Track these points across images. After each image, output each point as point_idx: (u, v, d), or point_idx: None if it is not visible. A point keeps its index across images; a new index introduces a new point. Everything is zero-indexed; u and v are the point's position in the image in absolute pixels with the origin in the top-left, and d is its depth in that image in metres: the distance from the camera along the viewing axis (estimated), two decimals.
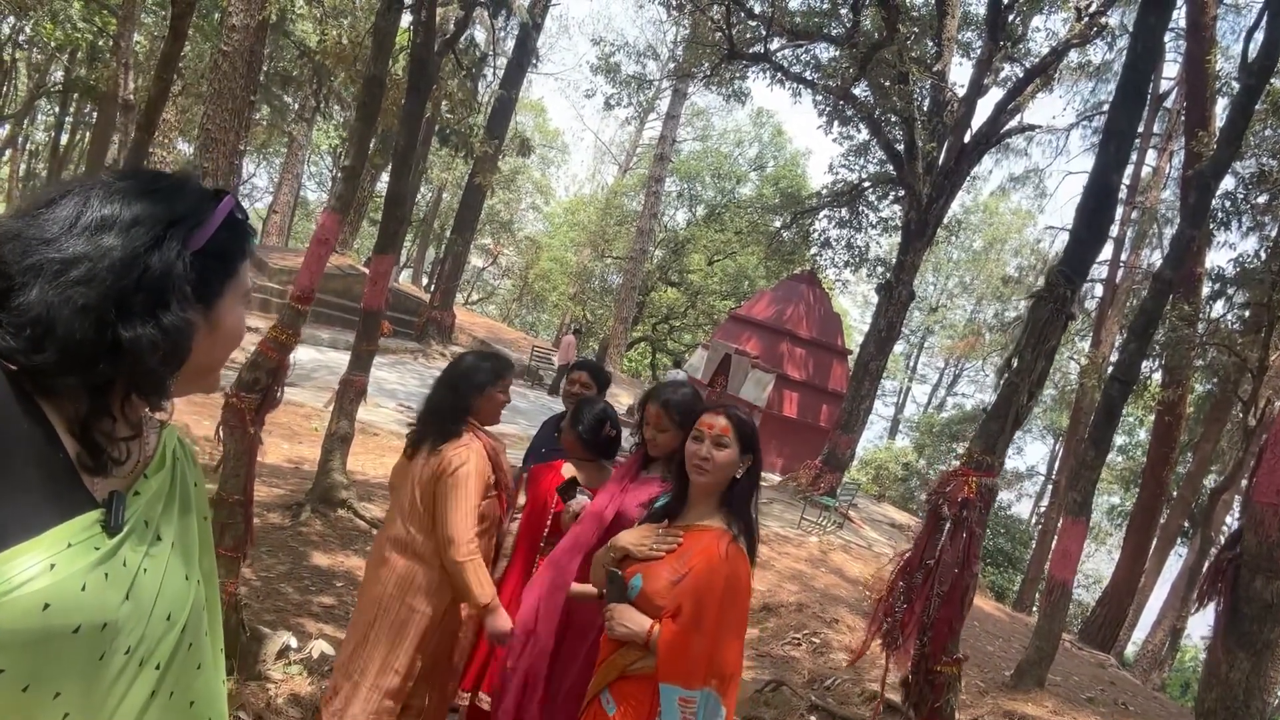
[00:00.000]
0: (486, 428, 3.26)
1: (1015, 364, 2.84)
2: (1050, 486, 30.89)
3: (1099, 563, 33.65)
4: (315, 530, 6.82)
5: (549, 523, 3.27)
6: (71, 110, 27.97)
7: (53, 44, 23.25)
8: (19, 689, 0.86)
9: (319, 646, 4.27)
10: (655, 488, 2.95)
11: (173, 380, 1.01)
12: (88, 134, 26.90)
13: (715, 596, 2.28)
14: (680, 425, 2.87)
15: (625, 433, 3.63)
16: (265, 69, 19.31)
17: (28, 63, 27.18)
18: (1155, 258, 22.92)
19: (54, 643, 0.87)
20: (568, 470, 3.35)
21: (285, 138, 30.14)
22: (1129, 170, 24.10)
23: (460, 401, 3.13)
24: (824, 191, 21.50)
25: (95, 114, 24.70)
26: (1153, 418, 16.73)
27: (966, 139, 15.06)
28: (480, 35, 23.81)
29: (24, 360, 0.90)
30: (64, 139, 28.62)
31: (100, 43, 20.56)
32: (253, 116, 17.30)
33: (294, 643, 4.20)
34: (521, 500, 3.48)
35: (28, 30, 23.78)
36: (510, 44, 22.83)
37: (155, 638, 1.00)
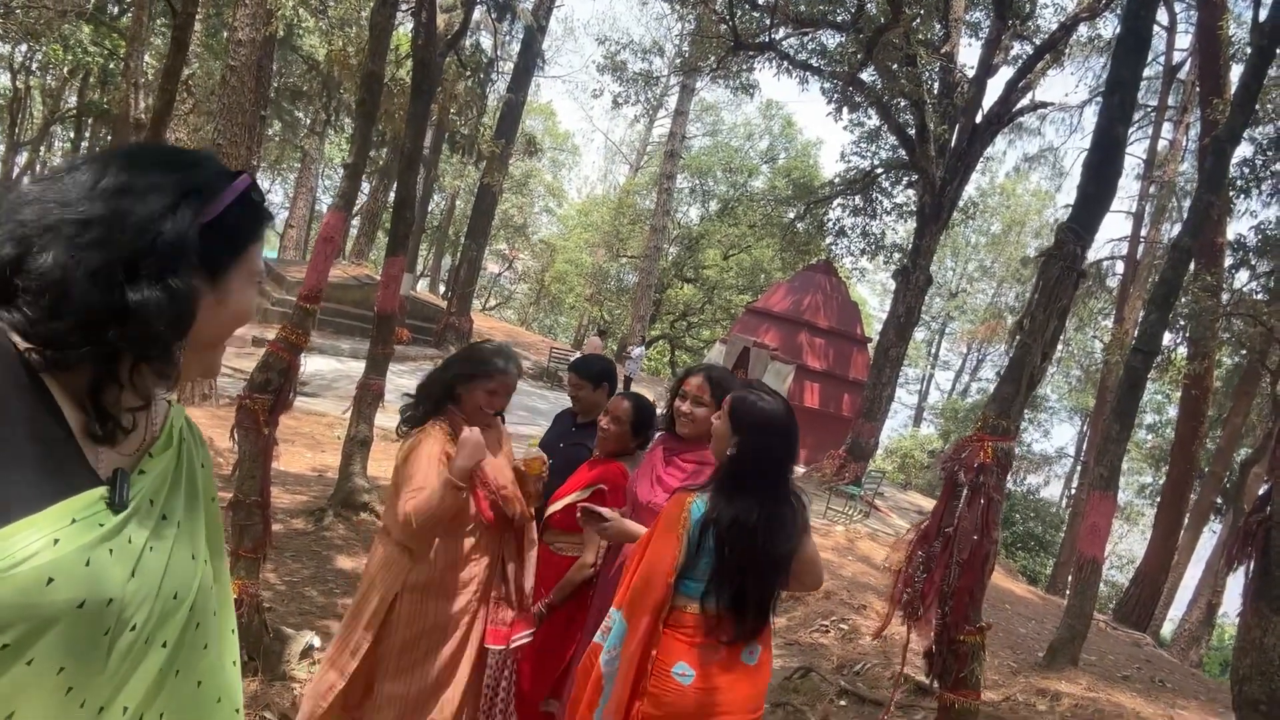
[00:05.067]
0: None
1: (1027, 324, 2.79)
2: (1080, 468, 30.56)
3: (1132, 543, 33.29)
4: (338, 534, 6.84)
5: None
6: (86, 134, 28.29)
7: (65, 69, 23.57)
8: (24, 663, 0.86)
9: None
10: (680, 474, 2.95)
11: (180, 348, 1.00)
12: None
13: (648, 536, 2.55)
14: (719, 403, 2.83)
15: None
16: (275, 84, 19.47)
17: (42, 89, 27.54)
18: (1176, 232, 22.59)
19: (58, 618, 0.87)
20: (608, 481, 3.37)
21: (298, 152, 30.39)
22: (1145, 145, 23.82)
23: (442, 388, 3.01)
24: (837, 180, 21.40)
25: (110, 136, 24.97)
26: (1180, 394, 16.51)
27: (978, 120, 14.94)
28: (486, 40, 23.89)
29: (43, 330, 0.90)
30: None
31: (111, 66, 20.80)
32: (264, 131, 17.43)
33: (317, 642, 4.20)
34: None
35: (40, 57, 24.11)
36: (516, 48, 22.93)
37: (162, 616, 1.00)
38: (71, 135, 29.38)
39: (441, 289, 35.95)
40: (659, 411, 3.56)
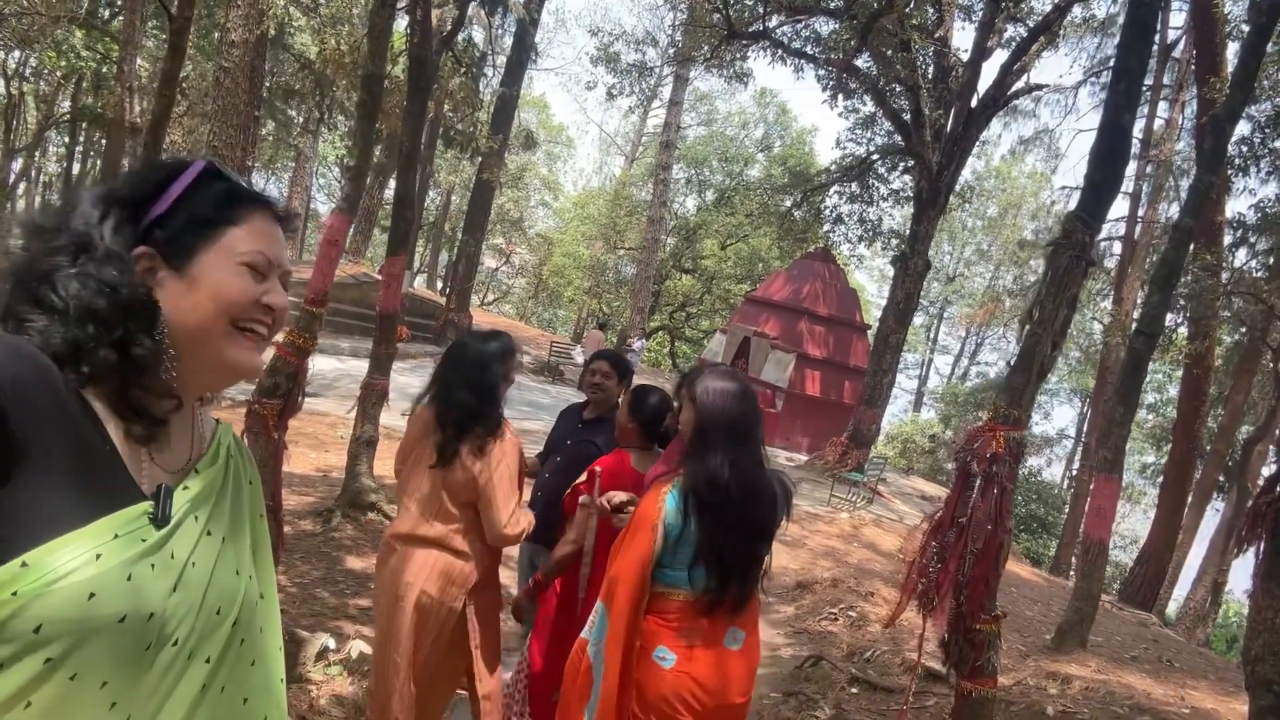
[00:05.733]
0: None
1: (1037, 314, 2.79)
2: (1080, 449, 30.59)
3: (1135, 522, 33.35)
4: (347, 535, 6.85)
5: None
6: (81, 139, 28.22)
7: (58, 74, 23.49)
8: (67, 677, 0.87)
9: (357, 646, 4.29)
10: None
11: (159, 337, 1.01)
12: (99, 162, 27.12)
13: (628, 527, 2.61)
14: None
15: None
16: (268, 84, 19.40)
17: (35, 95, 27.44)
18: (1173, 211, 22.53)
19: (100, 632, 0.89)
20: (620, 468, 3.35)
21: (292, 151, 30.30)
22: (1141, 125, 23.74)
23: (491, 406, 3.05)
24: (833, 167, 21.37)
25: (105, 141, 24.92)
26: (1181, 373, 16.53)
27: (973, 103, 14.90)
28: (479, 35, 23.79)
29: (60, 346, 0.94)
30: (76, 168, 28.86)
31: (105, 70, 20.74)
32: (258, 131, 17.38)
33: (332, 644, 4.22)
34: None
35: (33, 62, 24.02)
36: (509, 41, 22.85)
37: (205, 631, 1.01)
38: (66, 140, 29.31)
39: (439, 285, 35.91)
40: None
